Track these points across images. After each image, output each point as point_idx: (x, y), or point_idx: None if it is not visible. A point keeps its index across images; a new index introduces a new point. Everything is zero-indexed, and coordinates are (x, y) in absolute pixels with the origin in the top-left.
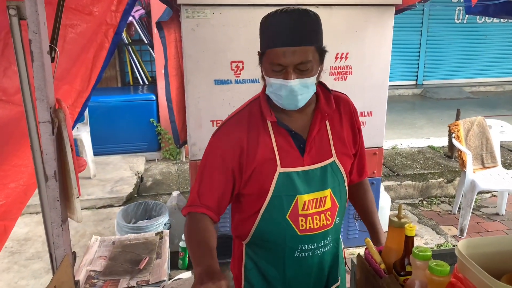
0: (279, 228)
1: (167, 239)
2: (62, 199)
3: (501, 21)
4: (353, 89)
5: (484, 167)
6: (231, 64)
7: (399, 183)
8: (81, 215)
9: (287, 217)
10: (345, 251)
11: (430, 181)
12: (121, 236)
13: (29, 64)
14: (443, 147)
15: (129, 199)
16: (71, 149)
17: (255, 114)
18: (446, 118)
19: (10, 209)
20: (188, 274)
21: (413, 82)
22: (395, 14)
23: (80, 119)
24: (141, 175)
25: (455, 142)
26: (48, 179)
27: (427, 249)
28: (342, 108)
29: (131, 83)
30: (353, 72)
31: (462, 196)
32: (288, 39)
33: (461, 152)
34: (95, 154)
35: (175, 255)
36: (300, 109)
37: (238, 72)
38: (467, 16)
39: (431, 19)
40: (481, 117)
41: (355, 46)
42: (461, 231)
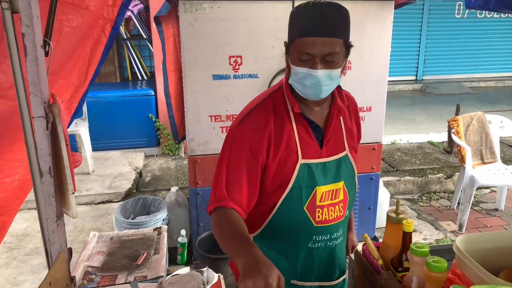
0: (296, 219)
1: (165, 235)
2: (57, 195)
3: (502, 16)
4: (353, 84)
5: (483, 163)
6: (229, 59)
7: (398, 178)
8: (77, 211)
9: (304, 208)
10: None
11: (429, 176)
12: (119, 231)
13: (23, 58)
14: (443, 142)
15: (128, 195)
16: (66, 144)
17: (278, 104)
18: (445, 113)
19: (7, 204)
20: (186, 269)
21: (413, 77)
22: (395, 8)
23: (78, 114)
24: (140, 171)
25: (454, 137)
26: (43, 174)
27: (425, 245)
28: (350, 105)
29: (130, 78)
30: (352, 67)
31: (461, 191)
32: (318, 30)
33: (460, 147)
34: (94, 149)
35: (173, 250)
36: (319, 102)
37: (236, 67)
38: (467, 11)
39: (431, 13)
40: (480, 112)
41: (354, 40)
42: (460, 227)
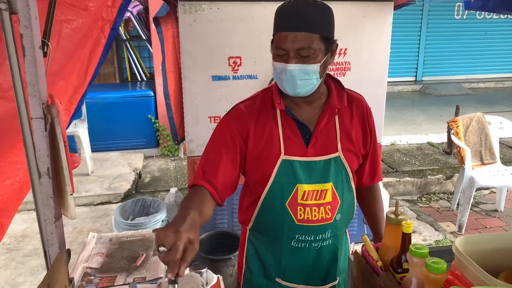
0: (277, 215)
1: None
2: (55, 196)
3: (501, 16)
4: (352, 85)
5: (483, 164)
6: (228, 60)
7: (397, 179)
8: (75, 212)
9: (286, 204)
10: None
11: (429, 177)
12: (118, 233)
13: (21, 59)
14: (442, 143)
15: (127, 196)
16: (64, 146)
17: (266, 101)
18: (445, 114)
19: (6, 206)
20: (185, 271)
21: (412, 78)
22: (394, 9)
23: (77, 115)
24: (139, 172)
25: (454, 138)
26: (41, 175)
27: (424, 246)
28: (354, 106)
29: (129, 79)
30: (351, 68)
31: (460, 192)
32: (291, 24)
33: (460, 148)
34: (93, 150)
35: None
36: (309, 101)
37: (235, 68)
38: (466, 12)
39: (431, 14)
40: (480, 113)
41: (353, 41)
42: (460, 228)
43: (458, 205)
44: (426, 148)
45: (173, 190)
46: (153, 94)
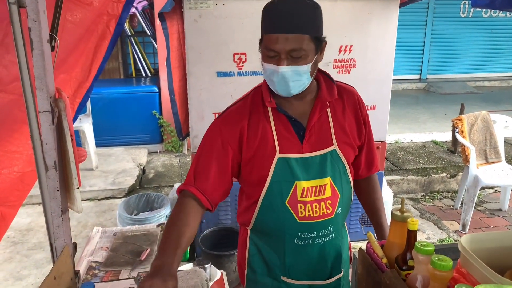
0: (278, 214)
1: None
2: (62, 189)
3: (507, 15)
4: (357, 83)
5: (487, 162)
6: (233, 56)
7: (401, 177)
8: (81, 206)
9: (286, 203)
10: (352, 244)
11: (433, 176)
12: (122, 227)
13: (29, 53)
14: (447, 142)
15: (131, 191)
16: (71, 139)
17: (257, 101)
18: (449, 112)
19: (5, 196)
20: (189, 265)
21: (417, 76)
22: (400, 7)
23: (82, 110)
24: (143, 167)
25: (458, 137)
26: (48, 169)
27: (430, 243)
28: (345, 98)
29: (134, 75)
30: (356, 65)
31: (464, 191)
32: (282, 26)
33: (464, 147)
34: (98, 145)
35: None
36: (299, 97)
37: (240, 64)
38: (472, 9)
39: (436, 12)
40: (485, 111)
41: (359, 39)
42: (463, 226)
43: (462, 204)
44: (430, 146)
45: (177, 185)
46: (157, 90)
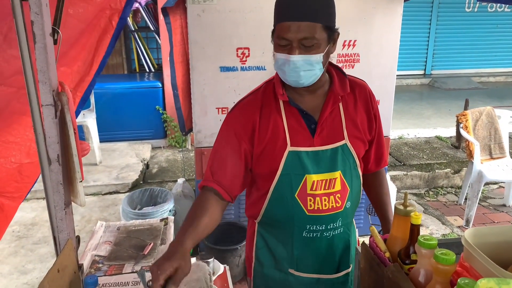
0: (287, 207)
1: (172, 226)
2: (65, 183)
3: None
4: (360, 77)
5: (492, 158)
6: (237, 50)
7: (405, 173)
8: (84, 199)
9: (295, 196)
10: (360, 240)
11: (436, 171)
12: (126, 222)
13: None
14: (451, 137)
15: (134, 186)
16: (74, 133)
17: (268, 93)
18: (454, 108)
19: (2, 185)
20: (192, 260)
21: (421, 71)
22: (404, 1)
23: (85, 105)
24: (147, 162)
25: (463, 132)
26: (51, 162)
27: (433, 237)
28: (357, 92)
29: (137, 70)
30: (360, 60)
31: (468, 186)
32: (294, 14)
33: (468, 142)
34: (101, 140)
35: None
36: (312, 90)
37: (244, 59)
38: (477, 4)
39: (441, 7)
40: (490, 107)
41: (363, 33)
42: (467, 222)
43: (465, 199)
44: (434, 142)
45: (180, 180)
46: (161, 85)
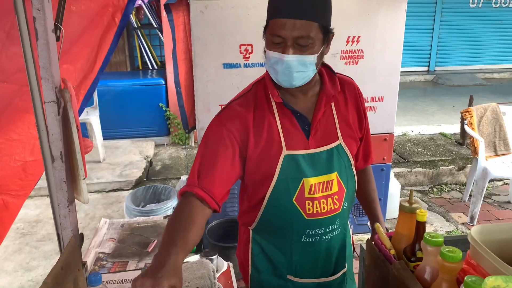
0: (285, 212)
1: None
2: (68, 180)
3: None
4: (364, 74)
5: (496, 155)
6: (240, 47)
7: (409, 169)
8: (88, 197)
9: (293, 200)
10: (354, 237)
11: (440, 168)
12: (130, 219)
13: (34, 43)
14: (455, 134)
15: (138, 183)
16: (77, 130)
17: (260, 95)
18: (458, 105)
19: (6, 183)
20: (196, 257)
21: (425, 68)
22: None
23: (88, 102)
24: (150, 160)
25: (467, 128)
26: (54, 159)
27: (439, 235)
28: (347, 90)
29: (140, 67)
30: (364, 56)
31: (473, 183)
32: (290, 11)
33: (473, 139)
34: (105, 138)
35: None
36: (304, 91)
37: (247, 55)
38: (482, 0)
39: (445, 3)
40: (495, 103)
41: (367, 29)
42: (472, 219)
43: (470, 196)
44: (438, 138)
45: (184, 177)
46: (164, 82)
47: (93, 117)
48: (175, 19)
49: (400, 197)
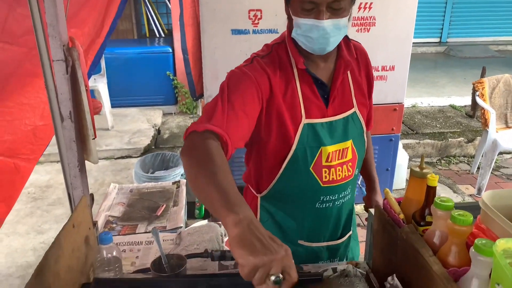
0: (301, 180)
1: (183, 188)
2: (78, 140)
3: None
4: (376, 42)
5: (507, 127)
6: (249, 12)
7: (417, 141)
8: (97, 157)
9: (310, 169)
10: (356, 206)
11: (449, 140)
12: (138, 184)
13: (41, 3)
14: (465, 106)
15: (146, 151)
16: (86, 90)
17: (283, 58)
18: (469, 77)
19: (17, 147)
20: (204, 222)
21: (437, 39)
22: None
23: (96, 68)
24: (158, 128)
25: (478, 100)
26: (63, 119)
27: (450, 199)
28: (359, 57)
29: (147, 35)
30: (376, 23)
31: (482, 155)
32: None
33: (484, 110)
34: (113, 106)
35: (191, 205)
36: (325, 57)
37: (256, 21)
38: None
39: None
40: (508, 75)
41: None
42: (479, 191)
43: (478, 168)
44: (448, 110)
45: None
46: (171, 50)
47: (101, 85)
48: None
49: (407, 168)
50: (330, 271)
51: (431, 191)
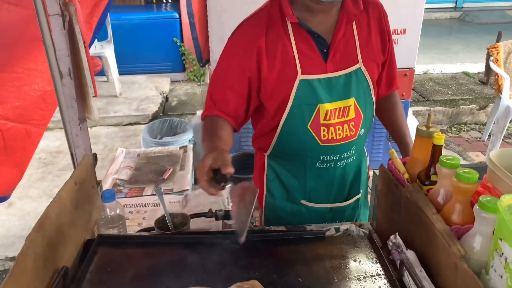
0: (300, 138)
1: (190, 153)
2: (78, 98)
3: None
4: (387, 3)
5: None
6: None
7: (428, 108)
8: (98, 115)
9: (308, 126)
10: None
11: (461, 107)
12: (146, 149)
13: None
14: (479, 73)
15: (154, 117)
16: (85, 46)
17: (274, 14)
18: (484, 43)
19: (28, 113)
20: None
21: (452, 4)
22: None
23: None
24: (166, 95)
25: (492, 65)
26: (63, 76)
27: (455, 157)
28: (371, 11)
29: (154, 1)
30: None
31: (494, 122)
32: None
33: (498, 76)
34: (120, 73)
35: None
36: (326, 9)
37: None
38: None
39: None
40: None
41: None
42: None
43: (489, 136)
44: (460, 77)
45: (199, 112)
46: (178, 16)
47: (108, 51)
48: None
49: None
50: (332, 230)
51: (437, 150)
